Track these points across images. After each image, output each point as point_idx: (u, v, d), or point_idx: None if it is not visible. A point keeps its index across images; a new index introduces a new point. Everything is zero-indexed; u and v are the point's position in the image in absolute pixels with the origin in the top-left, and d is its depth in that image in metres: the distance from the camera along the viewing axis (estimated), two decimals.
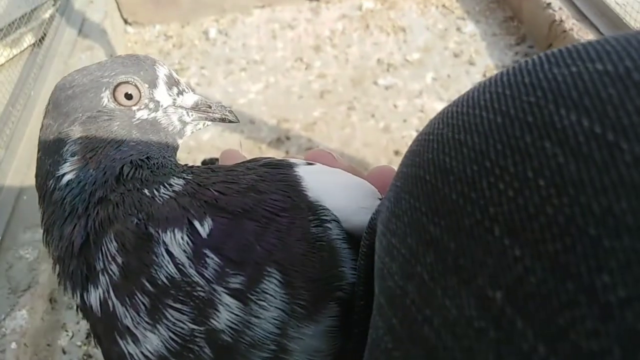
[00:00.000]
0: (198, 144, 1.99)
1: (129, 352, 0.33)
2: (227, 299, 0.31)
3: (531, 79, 0.21)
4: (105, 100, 0.40)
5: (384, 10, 2.54)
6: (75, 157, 0.38)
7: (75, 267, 0.36)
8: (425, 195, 0.23)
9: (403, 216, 0.24)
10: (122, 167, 0.38)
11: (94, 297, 0.35)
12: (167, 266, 0.32)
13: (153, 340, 0.32)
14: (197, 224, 0.33)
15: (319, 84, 2.19)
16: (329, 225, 0.34)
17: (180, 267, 0.32)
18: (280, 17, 2.57)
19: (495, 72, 2.14)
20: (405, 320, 0.23)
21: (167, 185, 0.36)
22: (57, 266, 0.38)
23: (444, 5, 2.53)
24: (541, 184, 0.18)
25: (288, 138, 1.98)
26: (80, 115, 0.39)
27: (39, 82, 1.95)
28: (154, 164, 0.39)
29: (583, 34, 1.95)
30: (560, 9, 2.08)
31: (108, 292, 0.34)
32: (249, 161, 0.39)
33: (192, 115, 0.44)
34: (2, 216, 1.52)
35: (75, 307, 0.38)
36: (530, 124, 0.19)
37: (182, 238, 0.32)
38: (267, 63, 2.33)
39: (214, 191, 0.34)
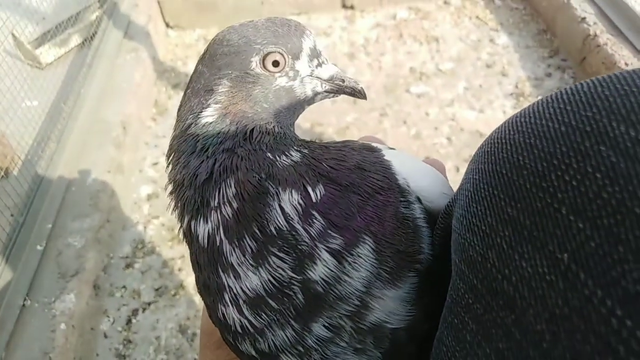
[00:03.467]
0: None
1: (228, 285, 0.38)
2: (326, 256, 0.36)
3: (587, 98, 0.27)
4: (253, 65, 0.44)
5: (417, 20, 2.59)
6: (219, 106, 0.43)
7: (191, 197, 0.41)
8: (503, 185, 0.29)
9: (482, 201, 0.31)
10: (253, 129, 0.43)
11: (202, 229, 0.40)
12: (278, 219, 0.37)
13: (253, 280, 0.37)
14: (310, 189, 0.38)
15: None
16: (414, 206, 0.40)
17: (290, 222, 0.37)
18: (315, 24, 2.64)
19: (527, 84, 2.17)
20: (486, 279, 0.29)
21: (287, 154, 0.41)
22: (173, 187, 0.43)
23: (477, 17, 2.56)
24: (598, 177, 0.24)
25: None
26: (230, 72, 0.44)
27: (87, 80, 2.06)
28: (278, 132, 0.43)
29: (617, 49, 1.96)
30: (595, 23, 2.10)
31: (217, 229, 0.39)
32: (348, 142, 0.45)
33: (325, 86, 0.49)
34: (52, 206, 1.61)
35: (119, 290, 0.43)
36: (588, 132, 0.26)
37: (296, 199, 0.38)
38: None
39: (327, 165, 0.40)
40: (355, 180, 0.39)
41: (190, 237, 0.42)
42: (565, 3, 2.26)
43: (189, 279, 1.62)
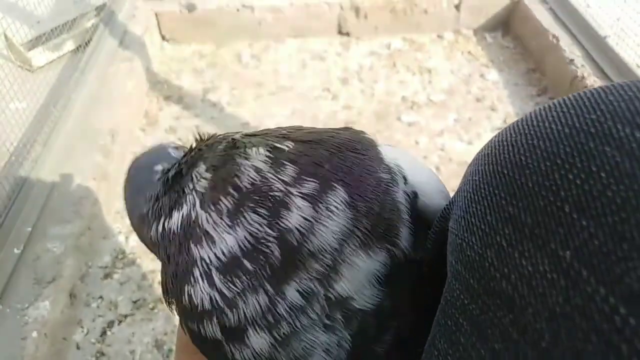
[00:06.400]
0: None
1: (200, 257, 0.37)
2: (299, 201, 0.36)
3: (591, 102, 0.27)
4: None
5: (411, 51, 2.64)
6: None
7: (166, 200, 0.41)
8: (504, 185, 0.29)
9: (483, 201, 0.30)
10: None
11: (176, 218, 0.39)
12: (249, 173, 0.37)
13: (229, 241, 0.36)
14: (277, 144, 0.39)
15: (344, 115, 2.27)
16: (397, 182, 0.39)
17: (261, 173, 0.37)
18: (311, 48, 2.67)
19: (515, 119, 2.21)
20: (483, 278, 0.28)
21: (243, 136, 0.42)
22: (148, 218, 0.43)
23: (469, 52, 2.63)
24: (602, 175, 0.24)
25: None
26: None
27: (78, 86, 2.03)
28: None
29: None
30: (582, 65, 2.17)
31: (194, 206, 0.39)
32: None
33: None
34: (33, 209, 1.57)
35: (94, 302, 0.41)
36: (593, 134, 0.26)
37: (263, 153, 0.39)
38: (295, 90, 2.41)
39: (287, 131, 0.41)
40: (323, 138, 0.39)
41: (162, 238, 0.41)
42: (554, 44, 2.33)
43: None
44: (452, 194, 0.38)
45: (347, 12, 2.66)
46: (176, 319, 0.43)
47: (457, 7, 2.68)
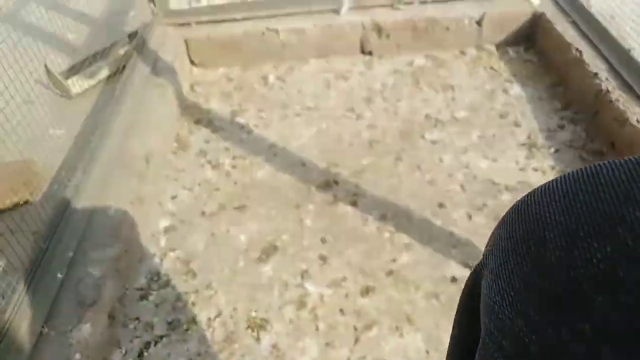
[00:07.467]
0: (252, 181, 2.11)
1: None
2: None
3: (606, 180, 0.31)
4: None
5: (434, 68, 2.67)
6: None
7: None
8: (529, 257, 0.32)
9: (512, 268, 0.34)
10: None
11: None
12: None
13: None
14: None
15: (368, 134, 2.31)
16: None
17: None
18: (335, 67, 2.73)
19: (539, 135, 2.22)
20: (515, 342, 0.32)
21: None
22: None
23: (492, 68, 2.64)
24: (616, 256, 0.27)
25: (336, 182, 2.08)
26: None
27: (114, 113, 2.13)
28: None
29: (629, 106, 2.01)
30: (607, 79, 2.16)
31: None
32: None
33: None
34: (74, 234, 1.66)
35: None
36: (607, 215, 0.29)
37: None
38: (320, 110, 2.47)
39: None
40: None
41: None
42: (578, 58, 2.33)
43: (202, 313, 1.64)
44: (477, 213, 0.40)
45: (369, 31, 2.71)
46: (209, 339, 0.43)
47: (479, 22, 2.70)
